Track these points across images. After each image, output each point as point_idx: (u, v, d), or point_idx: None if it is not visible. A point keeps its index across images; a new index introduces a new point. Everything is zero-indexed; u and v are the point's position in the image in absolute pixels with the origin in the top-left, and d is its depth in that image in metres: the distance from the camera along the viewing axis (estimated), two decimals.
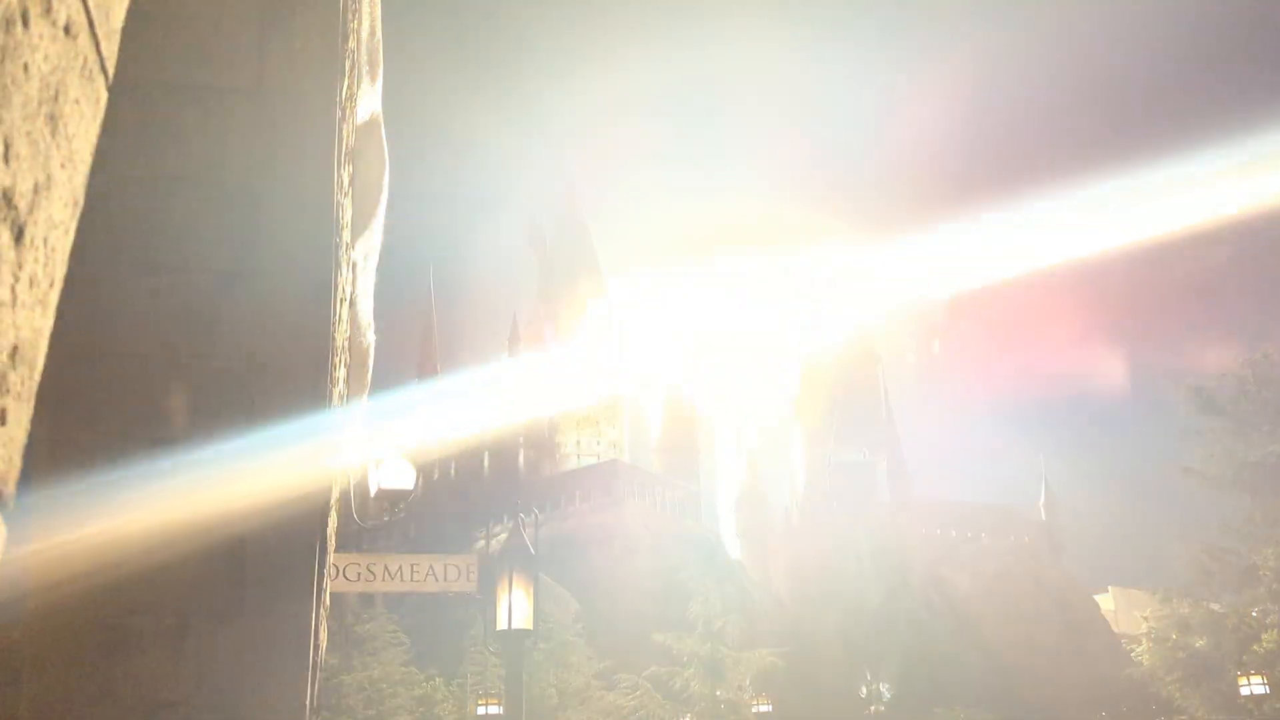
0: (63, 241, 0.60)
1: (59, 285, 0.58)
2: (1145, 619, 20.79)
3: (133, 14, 1.71)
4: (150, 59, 1.69)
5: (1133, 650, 21.34)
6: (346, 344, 1.99)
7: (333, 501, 2.41)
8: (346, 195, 2.07)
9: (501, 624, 6.06)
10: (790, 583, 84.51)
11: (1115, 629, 69.63)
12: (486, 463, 74.65)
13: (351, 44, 2.12)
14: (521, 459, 73.72)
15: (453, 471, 74.29)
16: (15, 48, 0.48)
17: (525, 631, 6.08)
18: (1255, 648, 15.40)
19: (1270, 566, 15.03)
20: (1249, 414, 15.62)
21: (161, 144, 1.68)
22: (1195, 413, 15.98)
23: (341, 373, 2.12)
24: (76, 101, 0.57)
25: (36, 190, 0.53)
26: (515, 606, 6.04)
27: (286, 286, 1.68)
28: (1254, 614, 15.78)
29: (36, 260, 0.54)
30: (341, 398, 2.23)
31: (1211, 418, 15.90)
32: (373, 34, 2.72)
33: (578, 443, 78.42)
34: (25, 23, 0.49)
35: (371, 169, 2.78)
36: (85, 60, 0.57)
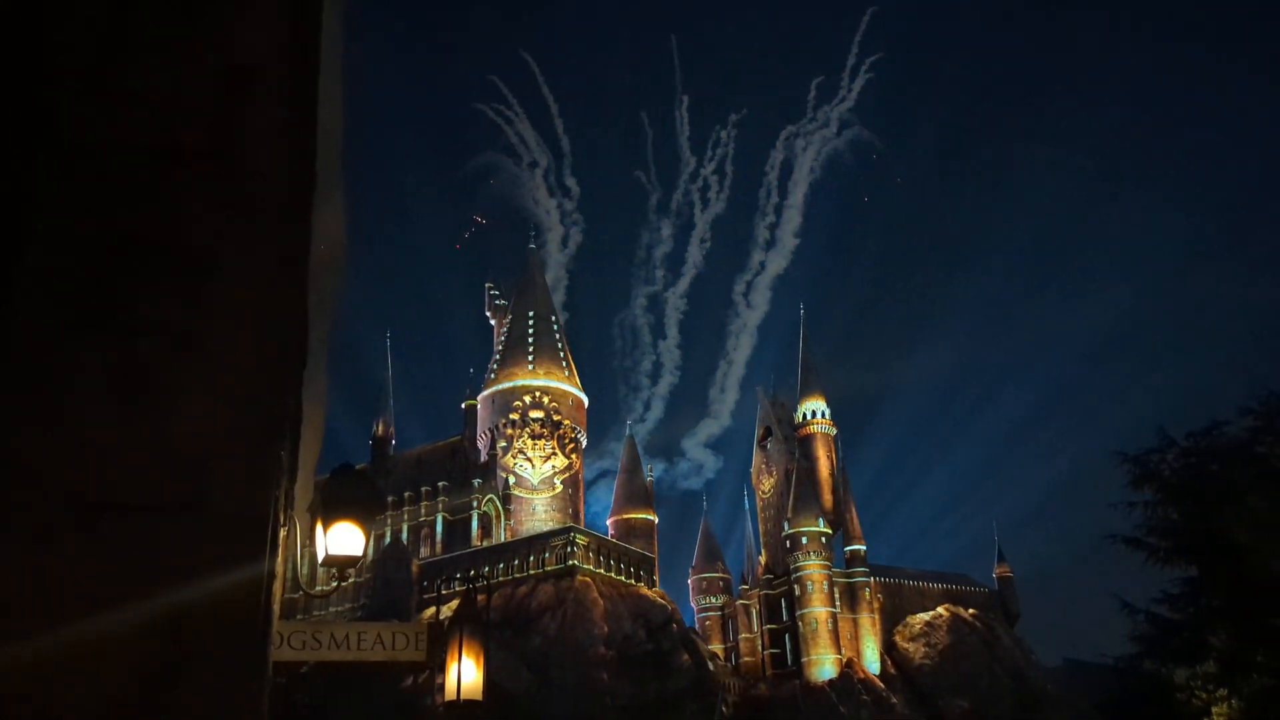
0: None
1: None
2: (1097, 691, 20.80)
3: (86, 73, 1.71)
4: (103, 119, 1.69)
5: None
6: (300, 411, 1.97)
7: (278, 568, 2.36)
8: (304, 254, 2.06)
9: (450, 694, 5.94)
10: (748, 650, 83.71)
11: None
12: (440, 527, 73.63)
13: (313, 108, 2.14)
14: (475, 523, 72.78)
15: (404, 535, 73.15)
16: None
17: (475, 703, 5.96)
18: None
19: (1222, 641, 15.13)
20: (1191, 485, 15.81)
21: (113, 204, 1.67)
22: (1136, 484, 16.12)
23: (292, 435, 2.10)
24: None
25: None
26: (465, 676, 5.93)
27: (240, 352, 1.67)
28: (1206, 689, 15.84)
29: None
30: (292, 463, 2.20)
31: (1151, 490, 16.05)
32: (333, 101, 2.75)
33: (533, 508, 77.69)
34: None
35: (330, 232, 2.78)
36: None
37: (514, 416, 79.58)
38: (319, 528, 4.87)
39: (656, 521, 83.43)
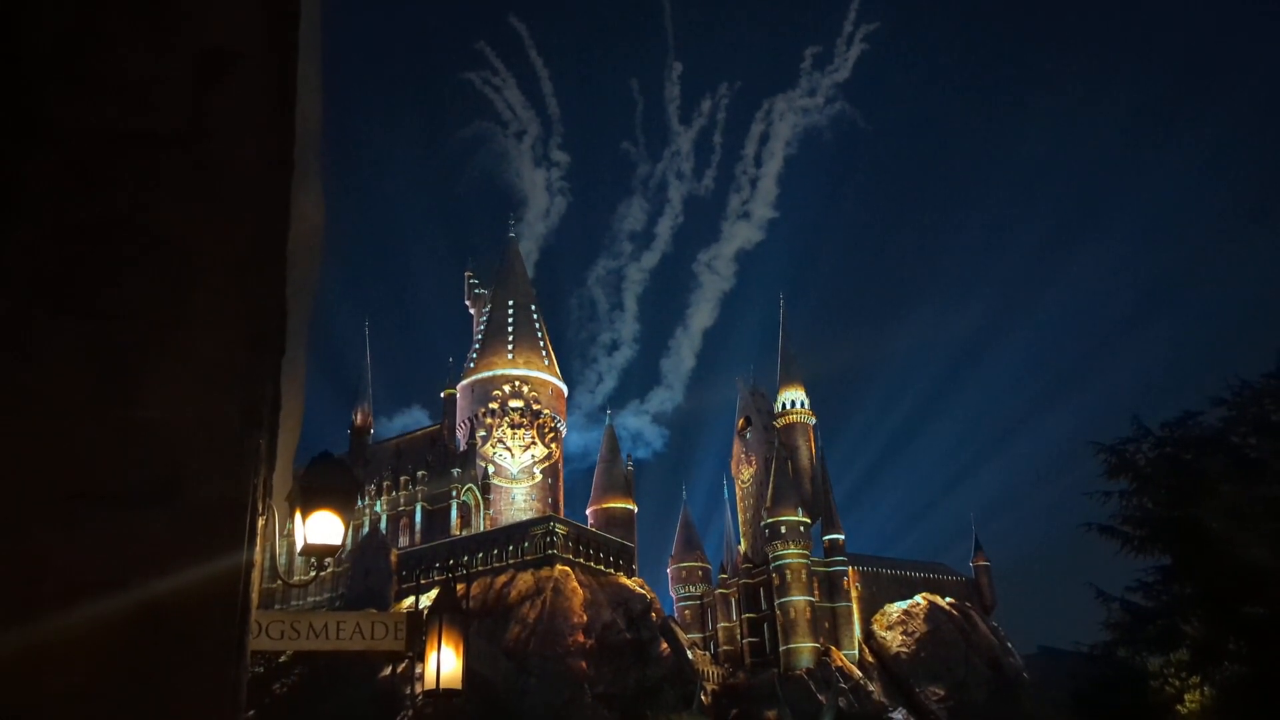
0: None
1: None
2: (1071, 678, 21.01)
3: (61, 56, 1.68)
4: (80, 104, 1.67)
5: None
6: (278, 398, 1.96)
7: (256, 557, 2.35)
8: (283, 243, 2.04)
9: (430, 683, 5.93)
10: (727, 639, 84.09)
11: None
12: (419, 516, 73.46)
13: (291, 92, 2.12)
14: (454, 513, 72.65)
15: (383, 525, 72.96)
16: None
17: (454, 692, 5.95)
18: (1179, 709, 15.63)
19: (1195, 629, 15.31)
20: (1165, 475, 15.96)
21: (89, 189, 1.65)
22: (1111, 473, 16.26)
23: (270, 424, 2.08)
24: None
25: None
26: (444, 665, 5.92)
27: (218, 337, 1.65)
28: (1179, 676, 16.03)
29: None
30: (270, 451, 2.18)
31: (1125, 479, 16.20)
32: (311, 85, 2.72)
33: (513, 498, 77.63)
34: None
35: (308, 218, 2.76)
36: None
37: (493, 406, 79.43)
38: (298, 517, 4.85)
39: (636, 511, 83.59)
